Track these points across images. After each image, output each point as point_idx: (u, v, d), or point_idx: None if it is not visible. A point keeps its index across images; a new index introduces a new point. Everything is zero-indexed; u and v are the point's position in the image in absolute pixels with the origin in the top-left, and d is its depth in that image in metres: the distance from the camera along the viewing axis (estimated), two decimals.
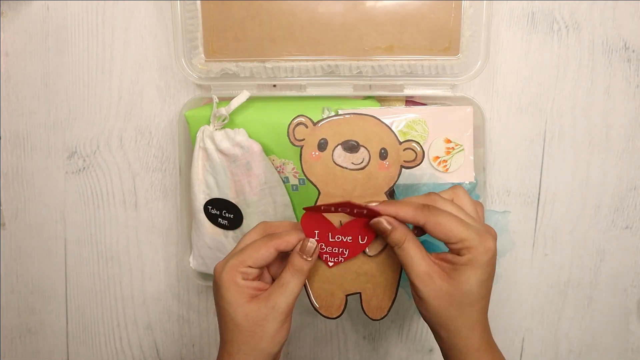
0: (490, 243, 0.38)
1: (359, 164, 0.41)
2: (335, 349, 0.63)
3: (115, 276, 0.63)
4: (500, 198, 0.60)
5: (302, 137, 0.41)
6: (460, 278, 0.38)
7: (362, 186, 0.41)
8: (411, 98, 0.56)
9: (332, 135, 0.41)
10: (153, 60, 0.59)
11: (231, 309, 0.39)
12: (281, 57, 0.53)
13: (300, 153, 0.41)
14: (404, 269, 0.40)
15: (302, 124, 0.41)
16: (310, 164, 0.41)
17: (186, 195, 0.57)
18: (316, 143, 0.41)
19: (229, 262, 0.40)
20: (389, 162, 0.41)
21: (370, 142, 0.41)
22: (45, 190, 0.62)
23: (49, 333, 0.65)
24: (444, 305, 0.38)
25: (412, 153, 0.41)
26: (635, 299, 0.61)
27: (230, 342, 0.40)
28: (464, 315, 0.39)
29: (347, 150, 0.41)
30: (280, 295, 0.40)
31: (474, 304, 0.39)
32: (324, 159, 0.41)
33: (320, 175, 0.41)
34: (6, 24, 0.59)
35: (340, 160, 0.41)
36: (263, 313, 0.39)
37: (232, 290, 0.40)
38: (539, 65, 0.57)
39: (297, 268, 0.40)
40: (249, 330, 0.39)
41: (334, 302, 0.43)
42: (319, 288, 0.43)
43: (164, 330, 0.64)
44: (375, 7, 0.51)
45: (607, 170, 0.59)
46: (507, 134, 0.59)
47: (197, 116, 0.55)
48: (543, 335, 0.62)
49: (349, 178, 0.41)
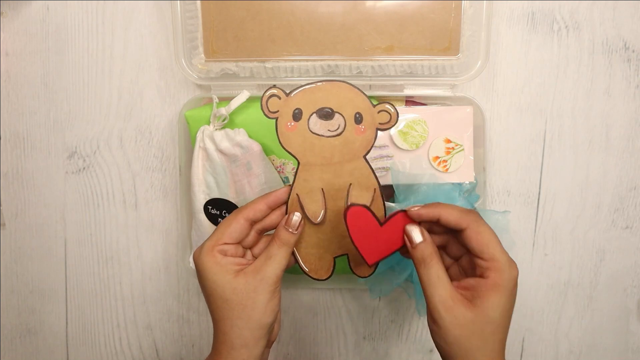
0: (516, 271, 0.38)
1: (335, 131, 0.41)
2: (335, 349, 0.63)
3: (115, 276, 0.63)
4: (500, 198, 0.60)
5: (275, 109, 0.41)
6: (485, 304, 0.36)
7: (340, 152, 0.41)
8: (411, 98, 0.56)
9: (306, 104, 0.41)
10: (153, 60, 0.59)
11: (218, 288, 0.39)
12: (281, 57, 0.53)
13: (276, 125, 0.41)
14: (424, 291, 0.38)
15: (274, 95, 0.41)
16: (286, 135, 0.41)
17: (186, 195, 0.57)
18: (291, 113, 0.41)
19: (205, 244, 0.40)
20: (365, 126, 0.41)
21: (345, 108, 0.41)
22: (45, 190, 0.62)
23: (48, 333, 0.65)
24: (466, 335, 0.36)
25: (387, 115, 0.41)
26: (635, 299, 0.61)
27: (222, 320, 0.40)
28: (487, 347, 0.36)
29: (322, 117, 0.41)
30: (268, 266, 0.40)
31: (496, 334, 0.37)
32: (300, 128, 0.41)
33: (297, 145, 0.41)
34: (6, 24, 0.59)
35: (316, 129, 0.41)
36: (252, 285, 0.39)
37: (215, 270, 0.39)
38: (539, 65, 0.57)
39: (283, 241, 0.40)
40: (240, 303, 0.39)
41: (323, 265, 0.44)
42: (307, 253, 0.43)
43: (163, 331, 0.64)
44: (375, 7, 0.52)
45: (607, 170, 0.59)
46: (507, 134, 0.59)
47: (197, 116, 0.55)
48: (543, 335, 0.62)
49: (327, 145, 0.41)
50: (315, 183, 0.42)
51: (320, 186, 0.42)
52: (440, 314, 0.37)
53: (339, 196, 0.42)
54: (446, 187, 0.53)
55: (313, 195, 0.42)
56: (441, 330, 0.37)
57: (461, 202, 0.52)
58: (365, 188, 0.42)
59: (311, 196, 0.42)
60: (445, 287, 0.37)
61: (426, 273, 0.38)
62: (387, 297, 0.62)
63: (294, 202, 0.42)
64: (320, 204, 0.42)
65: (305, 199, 0.42)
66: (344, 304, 0.62)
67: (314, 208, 0.42)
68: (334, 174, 0.42)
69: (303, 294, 0.63)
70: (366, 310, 0.62)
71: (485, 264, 0.37)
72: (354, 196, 0.42)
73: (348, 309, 0.63)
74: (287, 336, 0.63)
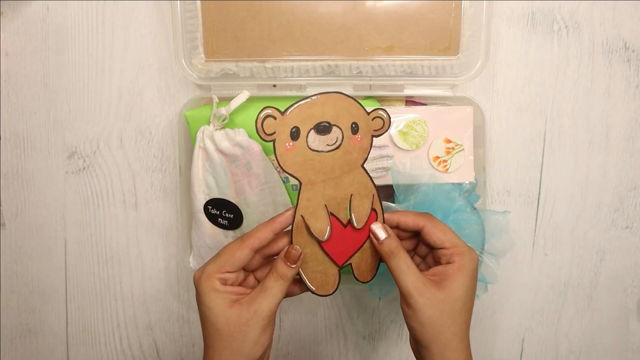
0: (474, 254, 0.41)
1: (334, 144, 0.40)
2: (335, 349, 0.63)
3: (115, 276, 0.63)
4: (500, 198, 0.60)
5: (272, 130, 0.39)
6: (452, 285, 0.40)
7: (339, 165, 0.41)
8: (411, 98, 0.56)
9: (302, 121, 0.39)
10: (153, 60, 0.59)
11: (212, 315, 0.39)
12: (281, 57, 0.53)
13: (274, 147, 0.39)
14: (396, 281, 0.41)
15: (270, 116, 0.38)
16: (286, 157, 0.39)
17: (186, 195, 0.57)
18: (288, 133, 0.39)
19: (206, 268, 0.40)
20: (361, 135, 0.41)
21: (341, 119, 0.40)
22: (45, 190, 0.62)
23: (49, 333, 0.65)
24: (438, 315, 0.39)
25: (380, 121, 0.42)
26: (635, 299, 0.61)
27: (212, 348, 0.40)
28: (456, 325, 0.40)
29: (320, 132, 0.40)
30: (263, 300, 0.39)
31: (463, 312, 0.40)
32: (299, 147, 0.40)
33: (298, 166, 0.40)
34: (6, 24, 0.59)
35: (315, 145, 0.40)
36: (245, 318, 0.39)
37: (211, 297, 0.39)
38: (539, 65, 0.57)
39: (280, 274, 0.40)
40: (231, 335, 0.39)
41: (329, 280, 0.43)
42: (313, 272, 0.43)
43: (164, 330, 0.64)
44: (375, 7, 0.52)
45: (607, 170, 0.59)
46: (507, 134, 0.59)
47: (197, 116, 0.55)
48: (543, 335, 0.62)
49: (327, 160, 0.40)
50: (318, 201, 0.41)
51: (323, 203, 0.41)
52: (414, 297, 0.40)
53: (341, 208, 0.42)
54: (446, 187, 0.53)
55: (317, 213, 0.41)
56: (415, 312, 0.40)
57: (461, 202, 0.52)
58: (365, 196, 0.42)
59: (315, 215, 0.41)
60: (415, 274, 0.40)
61: (396, 263, 0.41)
62: (387, 297, 0.62)
63: (299, 224, 0.41)
64: (325, 221, 0.41)
65: (310, 219, 0.41)
66: (344, 304, 0.62)
67: (320, 226, 0.41)
68: (335, 188, 0.41)
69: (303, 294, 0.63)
70: (366, 310, 0.62)
71: (448, 251, 0.41)
72: (355, 206, 0.42)
73: (348, 309, 0.63)
74: (287, 336, 0.63)
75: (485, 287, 0.54)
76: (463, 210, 0.52)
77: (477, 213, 0.53)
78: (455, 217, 0.52)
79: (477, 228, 0.52)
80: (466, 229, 0.52)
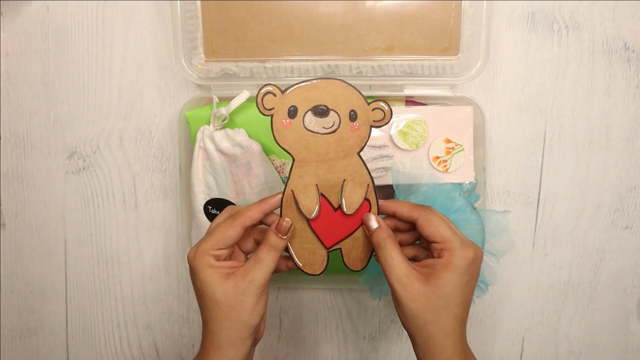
0: (469, 252, 0.40)
1: (330, 128, 0.42)
2: (335, 349, 0.63)
3: (115, 276, 0.63)
4: (500, 198, 0.60)
5: (271, 106, 0.41)
6: (437, 281, 0.40)
7: (334, 149, 0.42)
8: (411, 98, 0.56)
9: (301, 101, 0.41)
10: (153, 60, 0.59)
11: (209, 290, 0.41)
12: (281, 57, 0.53)
13: (271, 122, 0.41)
14: (384, 272, 0.42)
15: (270, 92, 0.41)
16: (282, 132, 0.41)
17: (186, 195, 0.57)
18: (286, 111, 0.41)
19: (200, 247, 0.42)
20: (359, 123, 0.42)
21: (340, 105, 0.42)
22: (45, 190, 0.62)
23: (49, 333, 0.65)
24: (421, 309, 0.40)
25: (381, 112, 0.42)
26: (635, 299, 0.61)
27: (212, 320, 0.42)
28: (439, 320, 0.40)
29: (318, 115, 0.41)
30: (257, 270, 0.41)
31: (450, 309, 0.40)
32: (295, 125, 0.42)
33: (292, 142, 0.42)
34: (6, 24, 0.59)
35: (311, 126, 0.42)
36: (241, 288, 0.41)
37: (207, 273, 0.41)
38: (539, 65, 0.57)
39: (272, 245, 0.42)
40: (229, 305, 0.41)
41: (316, 259, 0.44)
42: (301, 248, 0.44)
43: (164, 330, 0.64)
44: (375, 7, 0.52)
45: (607, 170, 0.59)
46: (507, 134, 0.59)
47: (197, 116, 0.55)
48: (543, 335, 0.62)
49: (322, 142, 0.42)
50: (309, 179, 0.43)
51: (315, 182, 0.43)
52: (397, 290, 0.40)
53: (333, 192, 0.43)
54: (446, 187, 0.53)
55: (307, 191, 0.43)
56: (400, 305, 0.41)
57: (461, 202, 0.52)
58: (359, 184, 0.43)
59: (306, 192, 0.43)
60: (399, 266, 0.41)
61: (382, 255, 0.41)
62: (387, 297, 0.62)
63: (289, 199, 0.43)
64: (315, 199, 0.43)
65: (300, 195, 0.43)
66: (344, 304, 0.62)
67: (309, 204, 0.43)
68: (328, 170, 0.43)
69: (303, 294, 0.63)
70: (366, 310, 0.62)
71: (438, 246, 0.41)
72: (347, 191, 0.43)
73: (348, 309, 0.63)
74: (287, 336, 0.63)
75: (483, 290, 0.53)
76: (463, 210, 0.52)
77: (477, 213, 0.53)
78: (455, 217, 0.52)
79: (477, 228, 0.52)
80: (466, 229, 0.52)
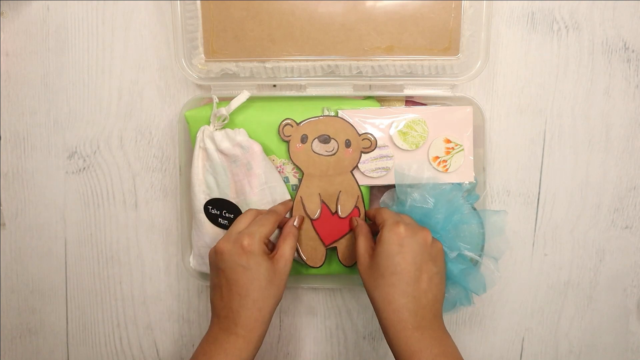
0: (400, 228, 0.47)
1: (331, 152, 0.54)
2: (335, 349, 0.63)
3: (115, 276, 0.63)
4: (500, 198, 0.60)
5: (289, 133, 0.54)
6: (374, 254, 0.48)
7: (333, 167, 0.54)
8: (411, 98, 0.56)
9: (310, 131, 0.54)
10: (153, 60, 0.59)
11: (262, 269, 0.48)
12: (281, 57, 0.53)
13: (288, 145, 0.54)
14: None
15: (288, 124, 0.54)
16: (296, 153, 0.54)
17: (186, 195, 0.57)
18: (299, 138, 0.54)
19: (255, 236, 0.48)
20: (352, 149, 0.54)
21: (339, 135, 0.54)
22: (45, 190, 0.62)
23: (49, 333, 0.65)
24: (365, 278, 0.48)
25: (368, 142, 0.54)
26: (635, 299, 0.61)
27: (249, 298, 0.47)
28: (379, 288, 0.47)
29: (322, 142, 0.54)
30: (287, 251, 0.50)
31: (385, 277, 0.46)
32: (305, 148, 0.54)
33: (303, 160, 0.54)
34: (6, 24, 0.59)
35: (317, 149, 0.54)
36: (280, 266, 0.49)
37: (263, 256, 0.48)
38: (539, 65, 0.57)
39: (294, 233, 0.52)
40: (271, 281, 0.48)
41: (317, 255, 0.56)
42: (306, 245, 0.55)
43: (164, 330, 0.64)
44: (375, 7, 0.52)
45: (607, 170, 0.59)
46: (507, 134, 0.59)
47: (197, 116, 0.55)
48: (543, 335, 0.62)
49: (324, 162, 0.54)
50: (314, 189, 0.55)
51: (318, 192, 0.55)
52: (357, 264, 0.50)
53: (332, 200, 0.55)
54: (446, 187, 0.53)
55: (312, 198, 0.55)
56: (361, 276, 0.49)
57: (461, 202, 0.52)
58: (351, 195, 0.55)
59: (311, 199, 0.55)
60: (361, 246, 0.50)
61: (356, 243, 0.51)
62: None
63: (298, 203, 0.55)
64: (318, 204, 0.55)
65: (306, 201, 0.55)
66: (344, 304, 0.63)
67: (313, 207, 0.55)
68: (328, 183, 0.54)
69: (303, 294, 0.63)
70: (366, 310, 0.62)
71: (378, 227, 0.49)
72: (342, 200, 0.55)
73: (348, 309, 0.63)
74: (287, 336, 0.63)
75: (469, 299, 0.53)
76: (463, 210, 0.52)
77: (476, 213, 0.53)
78: (455, 217, 0.52)
79: (477, 228, 0.52)
80: (466, 229, 0.52)
